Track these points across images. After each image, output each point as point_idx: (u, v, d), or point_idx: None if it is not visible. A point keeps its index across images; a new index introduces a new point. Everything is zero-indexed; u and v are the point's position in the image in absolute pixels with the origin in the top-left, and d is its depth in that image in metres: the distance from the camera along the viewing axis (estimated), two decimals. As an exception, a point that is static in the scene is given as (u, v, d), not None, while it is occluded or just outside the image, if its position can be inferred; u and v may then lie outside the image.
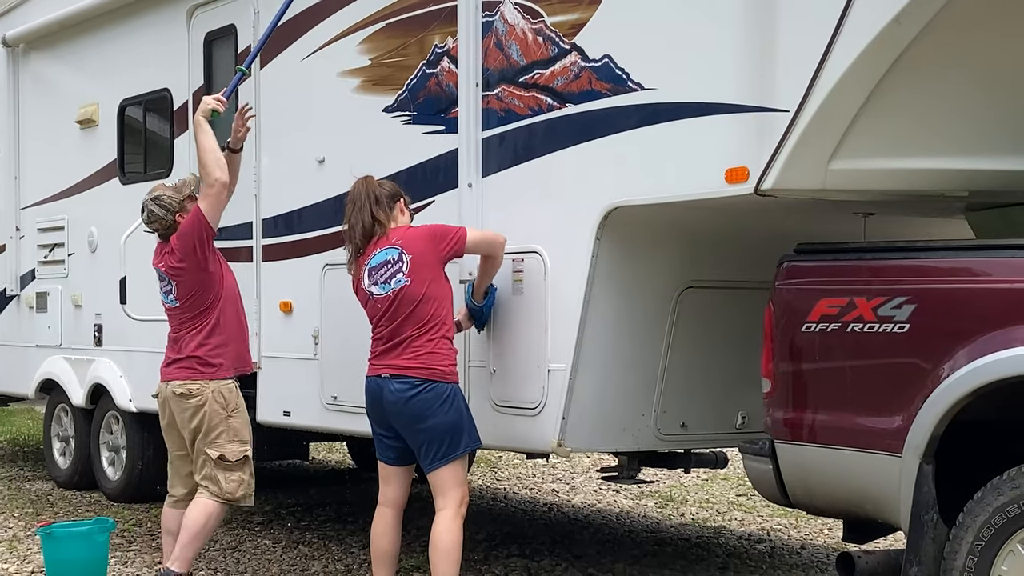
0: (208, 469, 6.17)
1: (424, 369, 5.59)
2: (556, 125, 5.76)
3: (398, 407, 5.63)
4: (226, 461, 6.15)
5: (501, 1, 6.01)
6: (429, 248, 5.70)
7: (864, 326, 4.78)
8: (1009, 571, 4.35)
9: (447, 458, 5.61)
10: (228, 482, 6.16)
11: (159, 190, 6.38)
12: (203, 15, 8.18)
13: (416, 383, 5.58)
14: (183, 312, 6.30)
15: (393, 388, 5.62)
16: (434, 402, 5.58)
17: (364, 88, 6.81)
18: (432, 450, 5.61)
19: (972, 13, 4.54)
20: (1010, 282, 4.48)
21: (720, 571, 7.14)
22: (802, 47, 4.75)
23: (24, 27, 10.33)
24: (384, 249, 5.72)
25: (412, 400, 5.58)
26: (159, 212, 6.25)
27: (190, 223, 6.17)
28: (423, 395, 5.58)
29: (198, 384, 6.19)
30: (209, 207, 6.17)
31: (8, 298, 10.65)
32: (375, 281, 5.71)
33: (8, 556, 7.57)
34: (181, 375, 6.24)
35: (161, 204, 6.26)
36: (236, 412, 6.23)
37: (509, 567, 7.19)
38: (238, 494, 6.19)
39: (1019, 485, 4.32)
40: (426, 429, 5.60)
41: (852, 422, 4.82)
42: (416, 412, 5.59)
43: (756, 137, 4.90)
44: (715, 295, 5.94)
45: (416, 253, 5.66)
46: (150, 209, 6.27)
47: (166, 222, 6.25)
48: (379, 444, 5.88)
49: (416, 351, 5.61)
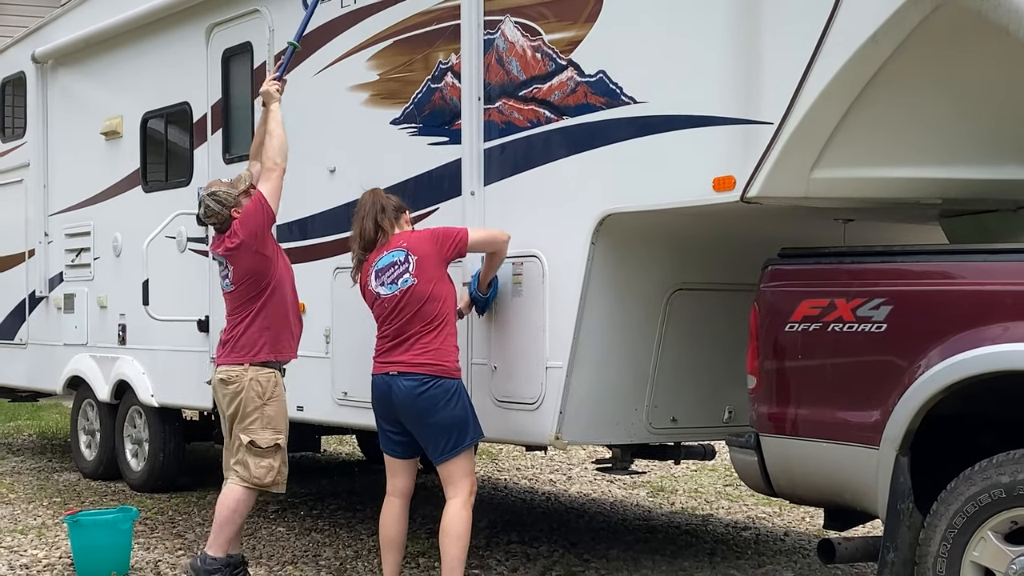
0: (240, 454, 6.07)
1: (432, 365, 5.58)
2: (554, 136, 5.76)
3: (407, 403, 5.61)
4: (256, 447, 6.03)
5: (502, 20, 6.01)
6: (433, 249, 5.70)
7: (844, 326, 4.78)
8: (980, 557, 4.35)
9: (455, 450, 5.61)
10: (257, 468, 6.04)
11: (215, 185, 6.25)
12: (221, 33, 8.18)
13: (425, 379, 5.56)
14: (236, 297, 6.15)
15: (402, 385, 5.60)
16: (442, 398, 5.57)
17: (373, 102, 6.81)
18: (441, 444, 5.60)
19: (943, 33, 4.55)
20: (981, 285, 4.49)
21: (708, 557, 7.14)
22: (785, 64, 4.76)
23: (52, 44, 10.35)
24: (391, 252, 5.73)
25: (421, 396, 5.56)
26: (215, 207, 6.12)
27: (255, 206, 6.06)
28: (432, 391, 5.56)
29: (237, 370, 6.08)
30: (270, 190, 6.09)
31: (37, 299, 10.66)
32: (382, 282, 5.70)
33: (38, 542, 7.57)
34: (227, 360, 6.13)
35: (217, 199, 6.13)
36: (272, 401, 6.09)
37: (509, 553, 7.19)
38: (266, 480, 6.06)
39: (990, 476, 4.32)
40: (434, 424, 5.59)
41: (833, 416, 4.82)
42: (425, 407, 5.58)
43: (742, 148, 4.91)
44: (703, 297, 5.93)
45: (422, 254, 5.67)
46: (207, 204, 6.15)
47: (222, 216, 6.12)
48: (385, 439, 5.86)
49: (423, 348, 5.60)
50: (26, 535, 7.81)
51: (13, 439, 13.15)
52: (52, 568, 6.90)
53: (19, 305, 10.99)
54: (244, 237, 6.02)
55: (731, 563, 6.98)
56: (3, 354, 11.38)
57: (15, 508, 8.79)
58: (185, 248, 8.52)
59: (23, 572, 6.81)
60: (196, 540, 7.61)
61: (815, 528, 7.91)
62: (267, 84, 6.40)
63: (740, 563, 6.99)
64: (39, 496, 9.30)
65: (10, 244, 11.16)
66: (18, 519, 8.38)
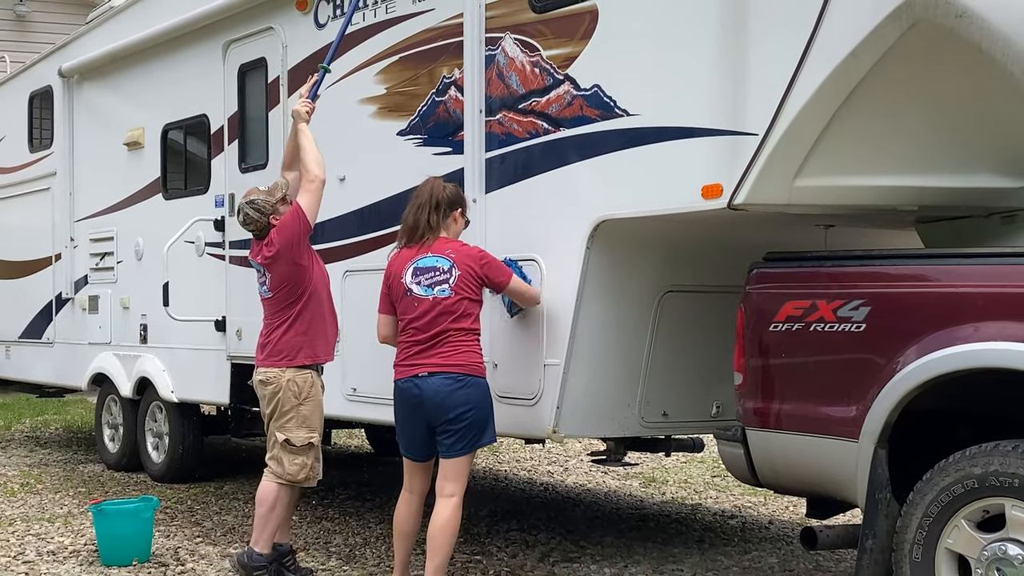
0: (276, 451, 6.02)
1: (464, 365, 5.46)
2: (551, 147, 5.76)
3: (439, 400, 5.43)
4: (291, 445, 5.97)
5: (502, 36, 6.02)
6: (477, 273, 5.54)
7: (825, 326, 4.78)
8: (954, 544, 4.36)
9: (472, 447, 5.51)
10: (291, 464, 5.99)
11: (254, 194, 6.20)
12: (237, 49, 8.19)
13: (459, 377, 5.43)
14: (274, 303, 6.10)
15: (435, 383, 5.43)
16: (475, 395, 5.46)
17: (380, 114, 6.81)
18: (463, 440, 5.46)
19: (919, 49, 4.55)
20: (954, 287, 4.49)
21: (697, 544, 7.14)
22: (769, 78, 4.76)
23: (78, 60, 10.36)
24: (436, 256, 5.55)
25: (457, 392, 5.42)
26: (254, 215, 6.09)
27: (292, 217, 6.01)
28: (466, 389, 5.44)
29: (275, 372, 6.02)
30: (309, 202, 6.04)
31: (64, 301, 10.67)
32: (419, 281, 5.54)
33: (64, 530, 7.58)
34: (266, 362, 6.08)
35: (256, 207, 6.10)
36: (308, 401, 6.03)
37: (509, 540, 7.19)
38: (299, 476, 6.01)
39: (963, 467, 4.32)
40: (463, 419, 5.44)
41: (814, 411, 4.82)
42: (458, 403, 5.42)
43: (729, 158, 4.91)
44: (693, 298, 5.93)
45: (464, 273, 5.50)
46: (246, 212, 6.11)
47: (261, 223, 6.09)
48: (408, 443, 5.66)
49: (454, 350, 5.46)
50: (53, 523, 7.81)
51: (41, 432, 13.15)
52: (78, 554, 6.90)
53: (46, 306, 11.00)
54: (280, 247, 5.98)
55: (719, 550, 6.98)
56: (31, 352, 11.39)
57: (43, 497, 8.79)
58: (203, 252, 8.52)
59: (50, 558, 6.81)
60: (214, 528, 7.62)
61: (798, 517, 7.91)
62: (299, 104, 6.32)
63: (727, 550, 6.99)
64: (65, 486, 9.30)
65: (38, 248, 11.18)
66: (46, 508, 8.38)
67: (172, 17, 8.85)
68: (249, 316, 8.01)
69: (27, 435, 12.93)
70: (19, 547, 7.09)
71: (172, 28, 8.85)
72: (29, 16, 16.69)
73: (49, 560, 6.77)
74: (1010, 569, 4.19)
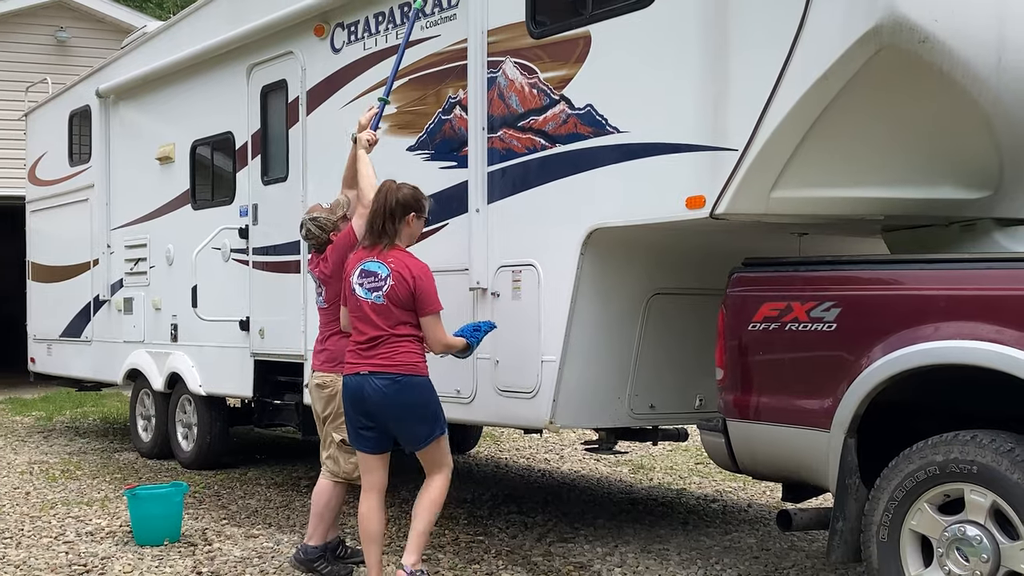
0: (332, 450, 5.93)
1: (404, 365, 5.21)
2: (547, 161, 5.76)
3: (383, 400, 5.21)
4: (347, 445, 5.79)
5: (503, 60, 6.02)
6: (408, 286, 5.24)
7: (799, 325, 4.78)
8: (918, 525, 4.36)
9: (430, 439, 5.30)
10: (347, 463, 5.87)
11: (317, 211, 6.14)
12: (260, 71, 8.19)
13: (398, 378, 5.19)
14: (330, 313, 5.98)
15: (375, 383, 5.20)
16: (415, 393, 5.24)
17: (391, 131, 6.81)
18: (420, 435, 5.29)
19: (885, 71, 4.55)
20: (917, 290, 4.49)
21: (682, 526, 7.13)
22: (748, 98, 4.77)
23: (114, 81, 10.36)
24: (380, 262, 5.32)
25: (397, 393, 5.20)
26: (316, 231, 6.05)
27: (344, 240, 5.93)
28: (405, 390, 5.21)
29: (332, 377, 5.88)
30: (362, 226, 5.82)
31: (101, 303, 10.68)
32: (362, 283, 5.35)
33: (101, 513, 7.58)
34: (323, 368, 5.97)
35: (318, 224, 6.06)
36: None
37: (509, 521, 7.19)
38: (355, 475, 5.85)
39: (926, 455, 4.32)
40: (408, 418, 5.26)
41: (790, 404, 4.82)
42: (399, 402, 5.21)
43: (711, 171, 4.91)
44: (678, 300, 5.93)
45: (397, 283, 5.23)
46: (308, 228, 6.07)
47: (322, 239, 6.04)
48: (357, 436, 5.39)
49: (393, 350, 5.22)
50: (91, 506, 7.81)
51: (80, 423, 13.15)
52: (113, 535, 6.89)
53: (85, 307, 11.01)
54: (334, 266, 5.90)
55: (701, 531, 6.98)
56: (71, 350, 11.40)
57: (81, 483, 8.79)
58: (228, 258, 8.52)
59: (88, 538, 6.81)
60: (238, 511, 7.61)
61: (774, 500, 7.90)
62: (364, 133, 6.13)
63: (709, 531, 6.98)
64: (102, 472, 9.30)
65: (77, 255, 11.18)
66: (84, 492, 8.38)
67: (200, 42, 8.86)
68: (270, 317, 8.03)
69: (67, 426, 12.93)
70: (60, 528, 7.09)
71: (200, 52, 8.86)
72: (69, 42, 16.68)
73: (87, 540, 6.77)
74: (968, 548, 4.19)
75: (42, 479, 9.02)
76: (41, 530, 7.06)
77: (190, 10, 9.38)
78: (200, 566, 6.12)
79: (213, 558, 6.29)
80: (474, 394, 6.18)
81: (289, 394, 7.90)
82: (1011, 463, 4.08)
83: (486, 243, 6.10)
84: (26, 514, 7.57)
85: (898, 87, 4.64)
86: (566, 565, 6.07)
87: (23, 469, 9.55)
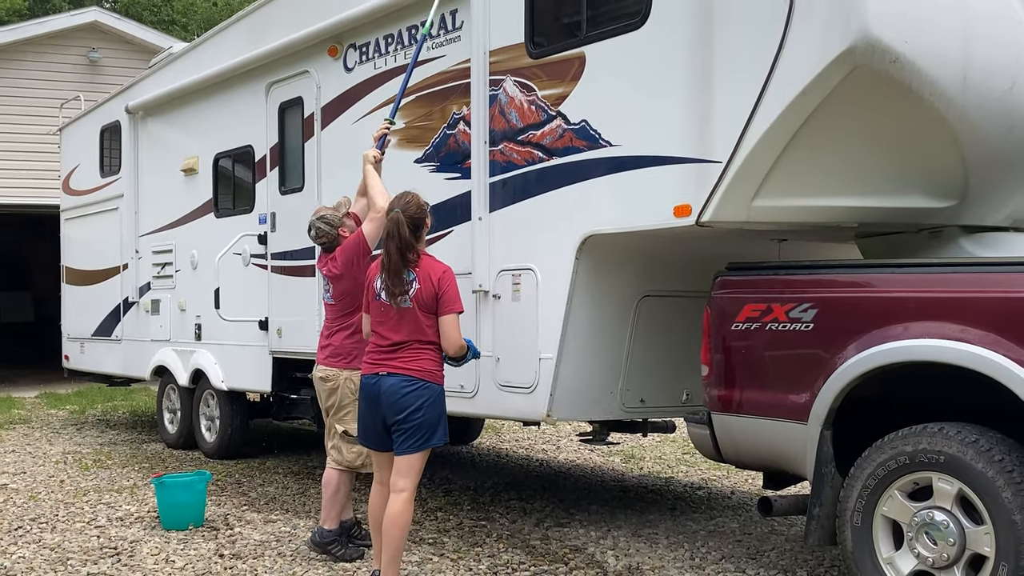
0: (335, 440, 5.95)
1: (422, 371, 5.03)
2: (545, 173, 5.76)
3: (396, 399, 5.00)
4: (349, 436, 5.85)
5: (504, 79, 6.02)
6: (432, 295, 5.10)
7: (779, 325, 4.78)
8: (889, 511, 4.37)
9: (420, 447, 5.02)
10: (349, 452, 5.92)
11: (323, 211, 6.14)
12: (278, 89, 8.19)
13: (414, 381, 5.00)
14: (336, 309, 6.00)
15: (390, 382, 5.02)
16: (425, 398, 5.02)
17: (400, 145, 6.82)
18: (412, 439, 5.00)
19: (858, 89, 4.55)
20: (888, 292, 4.49)
21: (670, 511, 7.13)
22: (732, 114, 4.76)
23: (142, 98, 10.36)
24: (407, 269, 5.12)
25: (409, 394, 4.99)
26: (325, 228, 6.05)
27: (354, 241, 5.92)
28: (418, 391, 5.00)
29: (334, 371, 5.93)
30: (372, 229, 5.87)
31: (130, 304, 10.68)
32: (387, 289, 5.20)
33: (130, 499, 7.57)
34: (326, 362, 5.98)
35: (327, 221, 6.06)
36: None
37: (509, 507, 7.19)
38: (356, 463, 5.93)
39: (896, 446, 4.32)
40: (413, 419, 4.99)
41: (770, 398, 4.82)
42: (408, 402, 4.99)
43: (697, 182, 4.91)
44: (666, 302, 5.93)
45: (424, 288, 5.09)
46: (318, 227, 6.06)
47: (331, 235, 6.05)
48: (366, 434, 5.20)
49: (415, 356, 5.04)
50: (121, 493, 7.81)
51: (110, 416, 13.15)
52: (142, 520, 6.89)
53: (115, 308, 11.01)
54: (343, 265, 5.91)
55: (688, 516, 6.97)
56: (103, 348, 11.40)
57: (112, 472, 8.79)
58: (248, 263, 8.52)
59: (118, 523, 6.81)
60: (258, 498, 7.61)
61: (756, 488, 7.90)
62: (371, 151, 6.13)
63: (695, 516, 6.98)
64: (131, 462, 9.29)
65: (108, 259, 11.18)
66: (114, 480, 8.38)
67: (222, 62, 8.87)
68: (287, 317, 8.03)
69: (99, 418, 12.92)
70: (92, 514, 7.09)
71: (222, 72, 8.86)
72: (100, 62, 16.67)
73: (117, 525, 6.76)
74: (936, 532, 4.20)
75: (75, 468, 9.02)
76: (75, 515, 7.06)
77: (213, 32, 9.40)
78: (222, 548, 6.12)
79: (234, 541, 6.29)
80: (476, 389, 6.19)
81: (305, 389, 7.89)
82: (976, 453, 4.08)
83: (488, 249, 6.10)
84: (61, 500, 7.56)
85: (871, 104, 4.64)
86: (562, 548, 6.07)
87: (58, 459, 9.55)
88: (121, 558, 5.94)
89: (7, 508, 7.31)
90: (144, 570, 5.67)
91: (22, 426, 12.07)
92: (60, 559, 5.93)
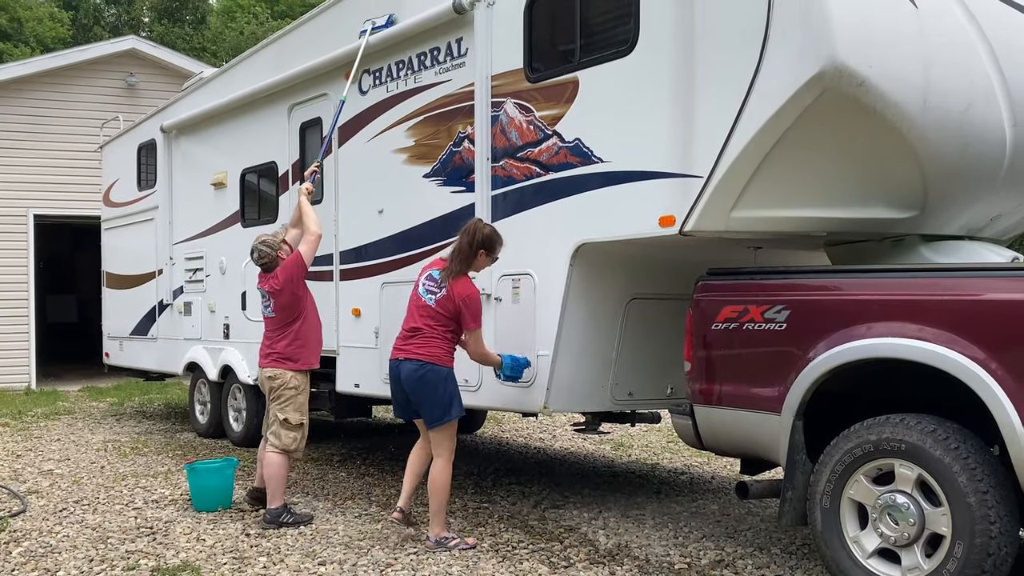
0: (275, 427, 6.22)
1: (431, 356, 5.44)
2: (542, 187, 5.76)
3: (411, 381, 5.46)
4: (288, 424, 6.18)
5: (505, 101, 6.02)
6: (453, 309, 5.49)
7: (755, 325, 4.78)
8: (855, 494, 4.36)
9: (441, 421, 5.46)
10: (286, 438, 6.19)
11: (263, 237, 6.41)
12: (299, 110, 8.20)
13: (423, 364, 5.43)
14: (276, 322, 6.31)
15: (408, 367, 5.47)
16: (432, 378, 5.43)
17: (410, 161, 6.82)
18: (434, 415, 5.46)
19: (828, 110, 4.55)
20: (854, 295, 4.49)
21: (656, 495, 7.13)
22: (712, 133, 4.77)
23: (175, 119, 10.37)
24: (441, 271, 5.57)
25: (420, 377, 5.43)
26: (266, 250, 6.30)
27: (293, 260, 6.23)
28: (426, 375, 5.42)
29: (280, 371, 6.22)
30: (307, 251, 6.28)
31: (165, 306, 10.67)
32: (425, 284, 5.60)
33: (164, 484, 7.56)
34: (272, 365, 6.25)
35: (267, 244, 6.31)
36: (301, 394, 6.23)
37: (509, 491, 7.18)
38: (291, 447, 6.20)
39: (862, 435, 4.32)
40: (426, 398, 5.46)
41: (747, 391, 4.82)
42: (420, 385, 5.44)
43: (680, 194, 4.91)
44: (652, 304, 5.93)
45: (446, 298, 5.48)
46: (260, 249, 6.31)
47: (271, 256, 6.29)
48: (399, 408, 5.66)
49: (425, 343, 5.46)
50: (155, 478, 7.80)
51: (147, 408, 13.14)
52: (175, 503, 6.89)
53: (151, 310, 11.00)
54: (283, 282, 6.22)
55: (672, 499, 6.97)
56: (140, 346, 11.39)
57: (148, 458, 8.78)
58: (272, 268, 8.51)
59: (154, 505, 6.80)
60: (280, 482, 7.60)
61: (734, 473, 7.90)
62: (306, 185, 6.63)
63: (679, 499, 6.98)
64: (165, 450, 9.29)
65: (145, 265, 11.18)
66: (150, 466, 8.37)
67: (249, 86, 8.87)
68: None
69: (136, 410, 12.92)
70: (130, 497, 7.08)
71: (249, 94, 8.86)
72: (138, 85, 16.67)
73: (153, 507, 6.76)
74: (898, 514, 4.20)
75: (114, 455, 9.01)
76: (114, 498, 7.05)
77: (240, 58, 9.40)
78: (248, 528, 6.11)
79: (259, 521, 6.28)
80: (480, 383, 6.18)
81: (323, 383, 7.89)
82: (934, 441, 4.08)
83: (490, 255, 6.09)
84: (101, 484, 7.56)
85: (839, 124, 4.64)
86: (558, 528, 6.06)
87: (98, 447, 9.54)
88: (156, 537, 5.94)
89: (53, 491, 7.31)
90: (177, 547, 5.67)
91: (67, 416, 12.07)
92: (101, 538, 5.92)
